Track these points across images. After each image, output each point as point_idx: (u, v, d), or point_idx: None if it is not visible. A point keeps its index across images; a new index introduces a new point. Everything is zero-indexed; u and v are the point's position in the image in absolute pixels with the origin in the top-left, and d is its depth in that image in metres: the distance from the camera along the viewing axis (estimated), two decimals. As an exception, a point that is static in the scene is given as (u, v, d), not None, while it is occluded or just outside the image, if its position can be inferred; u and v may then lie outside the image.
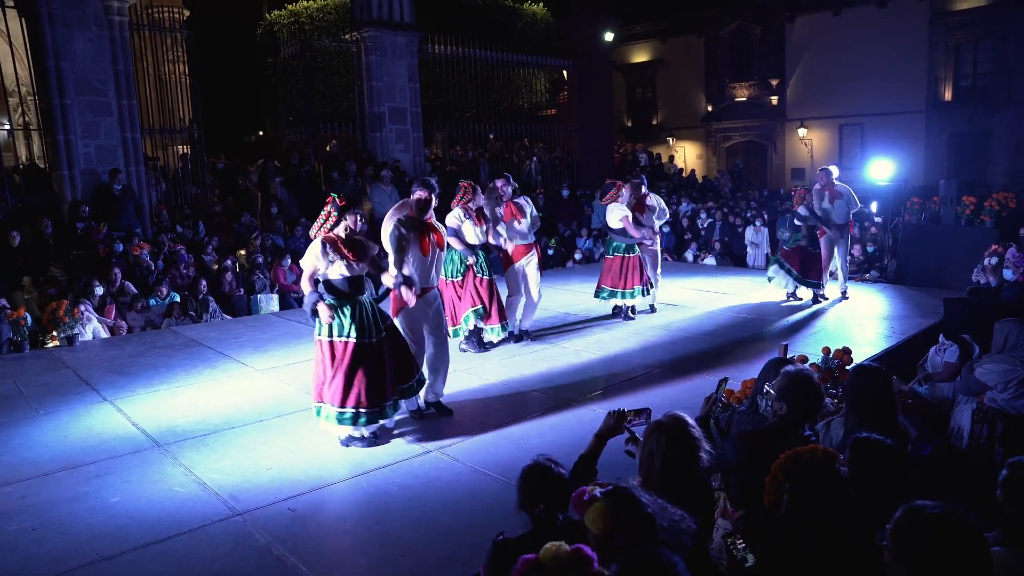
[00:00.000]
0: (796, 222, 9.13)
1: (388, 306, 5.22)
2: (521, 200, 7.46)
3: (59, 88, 10.43)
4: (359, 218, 4.80)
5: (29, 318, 7.89)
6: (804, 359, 5.22)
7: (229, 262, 10.32)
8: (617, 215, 8.04)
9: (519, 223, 7.35)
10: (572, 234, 14.30)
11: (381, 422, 4.85)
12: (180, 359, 7.16)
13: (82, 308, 8.16)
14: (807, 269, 8.90)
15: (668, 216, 9.09)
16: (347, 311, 4.69)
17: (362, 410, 4.65)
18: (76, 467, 4.64)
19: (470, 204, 6.75)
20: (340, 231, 4.72)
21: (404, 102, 14.81)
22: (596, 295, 8.44)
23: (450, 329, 6.43)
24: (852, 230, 9.58)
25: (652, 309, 8.72)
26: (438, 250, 5.39)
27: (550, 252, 13.43)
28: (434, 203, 5.32)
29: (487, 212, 6.98)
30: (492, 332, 6.98)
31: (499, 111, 17.55)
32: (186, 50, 13.91)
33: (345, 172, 13.04)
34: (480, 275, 6.85)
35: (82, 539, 3.73)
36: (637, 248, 8.12)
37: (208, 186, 12.82)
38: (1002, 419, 4.47)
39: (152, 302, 9.08)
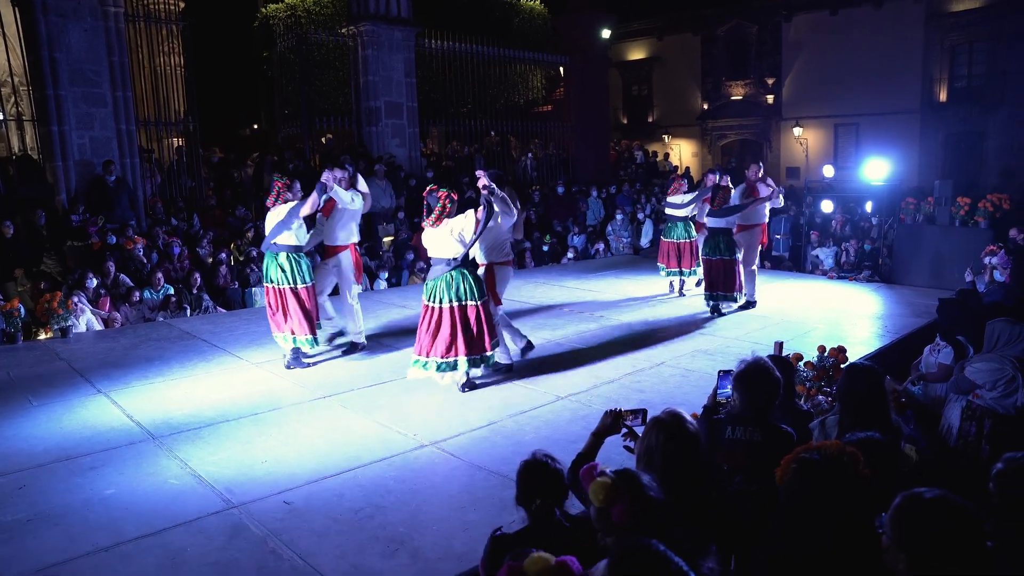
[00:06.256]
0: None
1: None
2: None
3: (53, 79, 10.38)
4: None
5: (23, 309, 7.86)
6: (799, 357, 5.25)
7: (224, 255, 10.30)
8: (688, 198, 9.27)
9: None
10: (566, 231, 14.30)
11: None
12: (175, 352, 7.15)
13: (76, 300, 8.13)
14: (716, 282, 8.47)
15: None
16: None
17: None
18: (71, 458, 4.63)
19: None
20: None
21: (400, 97, 14.79)
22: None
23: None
24: (764, 235, 9.38)
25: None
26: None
27: (544, 248, 13.44)
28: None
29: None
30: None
31: (495, 107, 17.54)
32: (181, 42, 13.85)
33: (338, 166, 13.00)
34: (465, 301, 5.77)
35: (77, 530, 3.73)
36: (694, 232, 9.37)
37: (203, 179, 12.78)
38: (990, 417, 4.51)
39: (147, 295, 9.06)
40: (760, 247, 9.27)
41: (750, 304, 8.73)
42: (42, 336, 8.03)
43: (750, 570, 2.30)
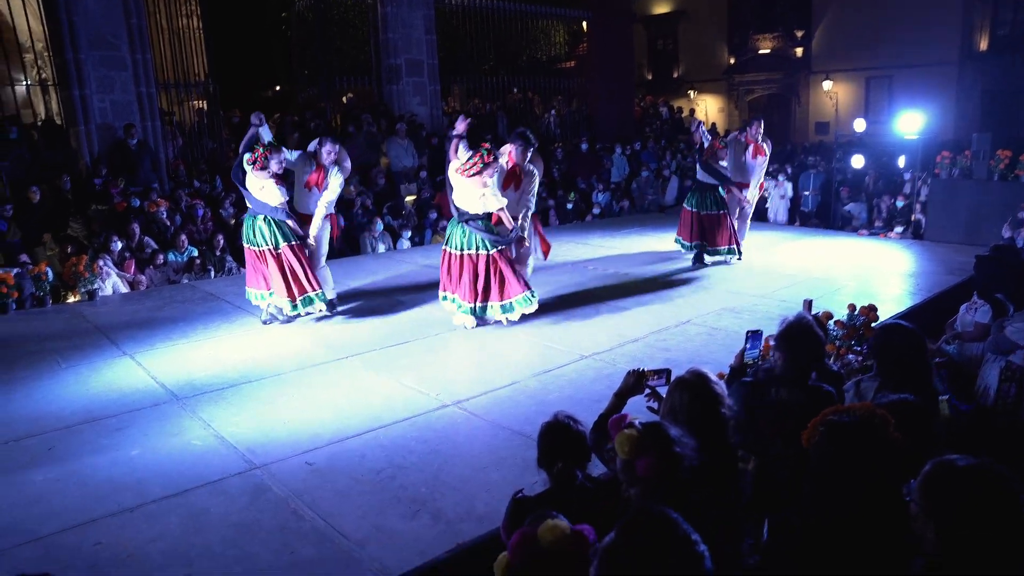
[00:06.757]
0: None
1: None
2: None
3: (72, 43, 10.34)
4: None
5: (50, 273, 7.94)
6: (829, 315, 5.13)
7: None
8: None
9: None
10: (590, 188, 14.11)
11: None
12: (198, 313, 7.18)
13: (101, 263, 8.20)
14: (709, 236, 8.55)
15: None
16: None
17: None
18: (97, 420, 4.68)
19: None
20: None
21: (421, 54, 14.56)
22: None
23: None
24: (762, 191, 9.31)
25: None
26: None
27: (568, 206, 13.29)
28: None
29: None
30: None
31: (518, 63, 17.24)
32: (200, 3, 13.69)
33: (361, 125, 12.89)
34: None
35: (104, 491, 3.77)
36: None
37: (225, 140, 12.74)
38: (1030, 379, 4.35)
39: (171, 257, 9.10)
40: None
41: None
42: (70, 299, 8.12)
43: (784, 536, 2.24)
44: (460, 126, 6.24)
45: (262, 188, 6.28)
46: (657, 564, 1.51)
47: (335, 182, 6.57)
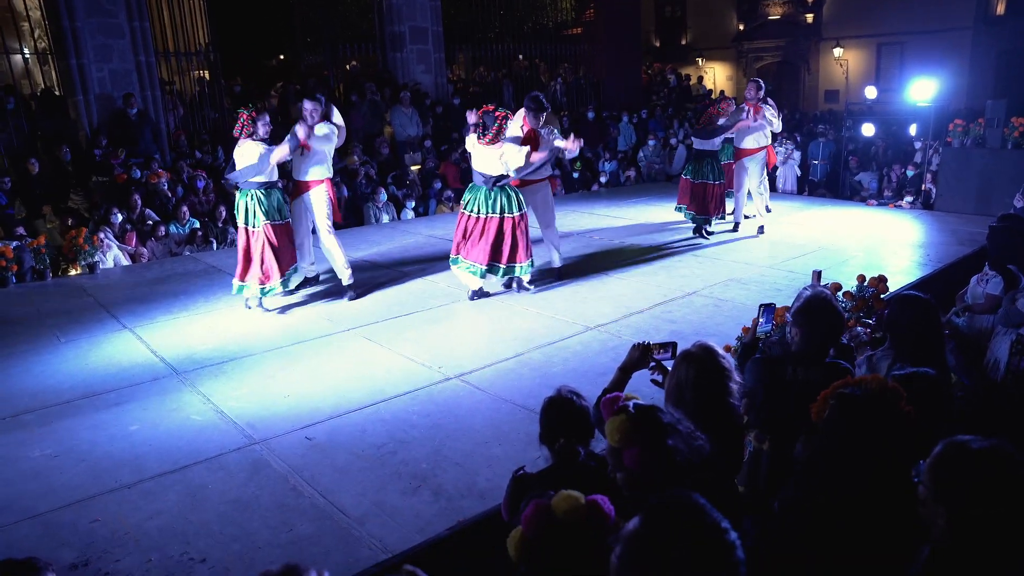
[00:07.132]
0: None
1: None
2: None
3: (68, 10, 10.17)
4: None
5: (47, 245, 7.87)
6: (838, 287, 5.04)
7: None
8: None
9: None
10: (597, 157, 13.93)
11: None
12: (199, 286, 7.12)
13: (102, 236, 8.13)
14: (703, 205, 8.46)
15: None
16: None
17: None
18: (96, 395, 4.65)
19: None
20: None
21: (425, 21, 14.28)
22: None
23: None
24: (772, 157, 9.07)
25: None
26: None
27: (574, 175, 13.13)
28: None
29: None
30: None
31: (523, 30, 16.94)
32: (199, -31, 13.44)
33: (364, 94, 12.71)
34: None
35: (102, 467, 3.74)
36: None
37: (227, 110, 12.58)
38: (1042, 351, 4.26)
39: (172, 229, 9.02)
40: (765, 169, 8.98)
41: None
42: (71, 272, 8.06)
43: (791, 514, 2.18)
44: (472, 117, 6.35)
45: (242, 154, 6.09)
46: (686, 553, 1.40)
47: (322, 131, 6.29)
